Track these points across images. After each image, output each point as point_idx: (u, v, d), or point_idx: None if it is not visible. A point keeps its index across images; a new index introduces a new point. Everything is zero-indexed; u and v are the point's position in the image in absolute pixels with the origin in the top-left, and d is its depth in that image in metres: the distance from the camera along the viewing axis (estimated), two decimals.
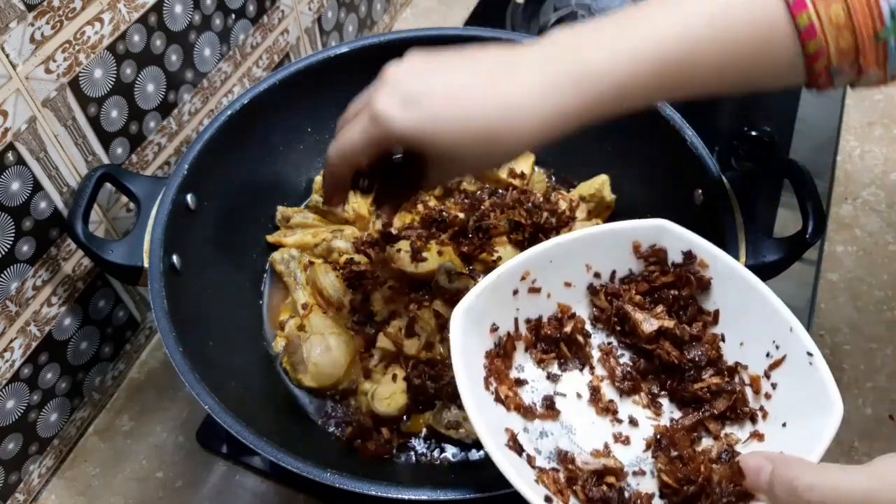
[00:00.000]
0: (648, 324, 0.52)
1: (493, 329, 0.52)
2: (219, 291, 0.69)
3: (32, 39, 0.56)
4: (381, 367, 0.67)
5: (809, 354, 0.46)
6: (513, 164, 0.79)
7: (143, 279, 0.61)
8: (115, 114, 0.66)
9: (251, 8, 0.79)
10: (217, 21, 0.75)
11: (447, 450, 0.64)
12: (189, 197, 0.66)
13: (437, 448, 0.64)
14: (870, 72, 0.47)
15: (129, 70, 0.66)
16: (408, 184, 0.55)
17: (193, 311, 0.63)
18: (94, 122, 0.64)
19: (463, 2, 1.15)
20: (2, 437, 0.64)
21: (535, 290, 0.54)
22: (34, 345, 0.64)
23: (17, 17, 0.54)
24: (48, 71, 0.58)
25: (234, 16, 0.77)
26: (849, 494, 0.36)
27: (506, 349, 0.53)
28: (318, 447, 0.64)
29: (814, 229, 0.58)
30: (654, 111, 0.69)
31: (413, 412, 0.65)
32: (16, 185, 0.59)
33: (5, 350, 0.62)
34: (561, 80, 0.47)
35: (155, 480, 0.70)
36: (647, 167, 0.73)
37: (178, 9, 0.69)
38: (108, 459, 0.72)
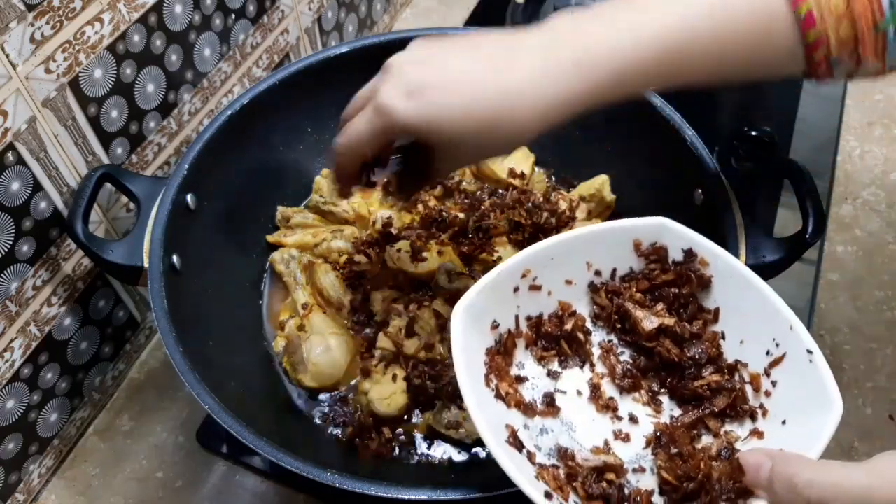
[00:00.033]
0: (649, 321, 0.52)
1: (494, 326, 0.52)
2: (219, 291, 0.69)
3: (32, 39, 0.56)
4: (381, 367, 0.67)
5: (809, 352, 0.46)
6: (513, 164, 0.79)
7: (143, 279, 0.61)
8: (115, 114, 0.66)
9: (251, 8, 0.79)
10: (217, 21, 0.75)
11: (447, 450, 0.64)
12: (189, 197, 0.66)
13: (437, 448, 0.64)
14: (868, 62, 0.47)
15: (129, 70, 0.66)
16: (419, 172, 0.56)
17: (193, 311, 0.63)
18: (94, 122, 0.64)
19: (463, 2, 1.15)
20: (2, 437, 0.64)
21: (535, 288, 0.54)
22: (34, 345, 0.64)
23: (17, 17, 0.54)
24: (48, 71, 0.58)
25: (234, 16, 0.77)
26: (848, 491, 0.36)
27: (506, 346, 0.53)
28: (318, 447, 0.64)
29: (814, 229, 0.58)
30: (654, 111, 0.69)
31: (413, 412, 0.65)
32: (16, 185, 0.59)
33: (5, 350, 0.62)
34: (562, 67, 0.47)
35: (155, 480, 0.70)
36: (647, 167, 0.73)
37: (178, 9, 0.69)
38: (108, 459, 0.72)
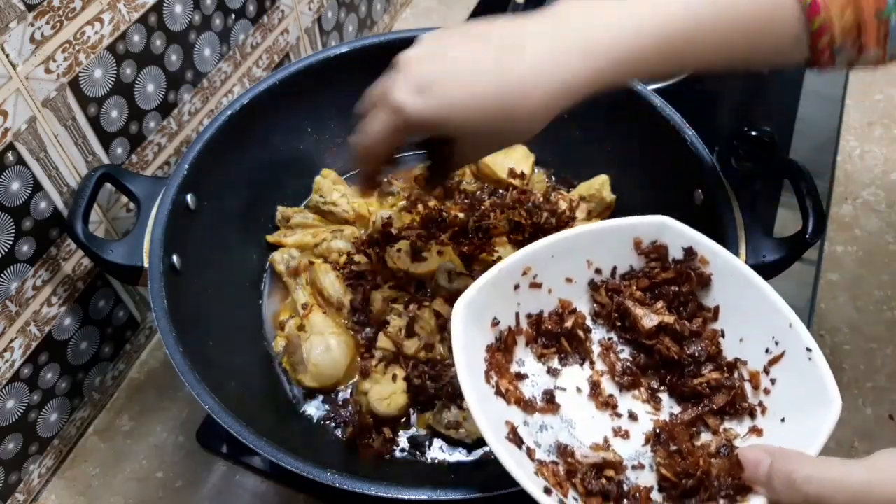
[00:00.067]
0: (648, 319, 0.52)
1: (495, 323, 0.53)
2: (219, 291, 0.69)
3: (32, 39, 0.56)
4: (381, 367, 0.67)
5: (808, 350, 0.46)
6: (513, 164, 0.79)
7: (143, 279, 0.61)
8: (115, 114, 0.66)
9: (251, 8, 0.79)
10: (217, 21, 0.75)
11: (447, 450, 0.64)
12: (189, 197, 0.66)
13: (437, 448, 0.64)
14: (870, 50, 0.47)
15: (129, 70, 0.66)
16: (443, 164, 0.57)
17: (193, 311, 0.63)
18: (94, 122, 0.64)
19: (463, 2, 1.15)
20: (2, 437, 0.64)
21: (536, 286, 0.54)
22: (34, 345, 0.64)
23: (17, 17, 0.54)
24: (48, 71, 0.58)
25: (234, 16, 0.77)
26: (847, 487, 0.36)
27: (506, 343, 0.53)
28: (318, 447, 0.64)
29: (814, 229, 0.58)
30: (654, 111, 0.69)
31: (413, 412, 0.65)
32: (16, 185, 0.59)
33: (5, 350, 0.62)
34: (568, 54, 0.48)
35: (155, 480, 0.70)
36: (647, 167, 0.73)
37: (178, 9, 0.69)
38: (108, 459, 0.72)
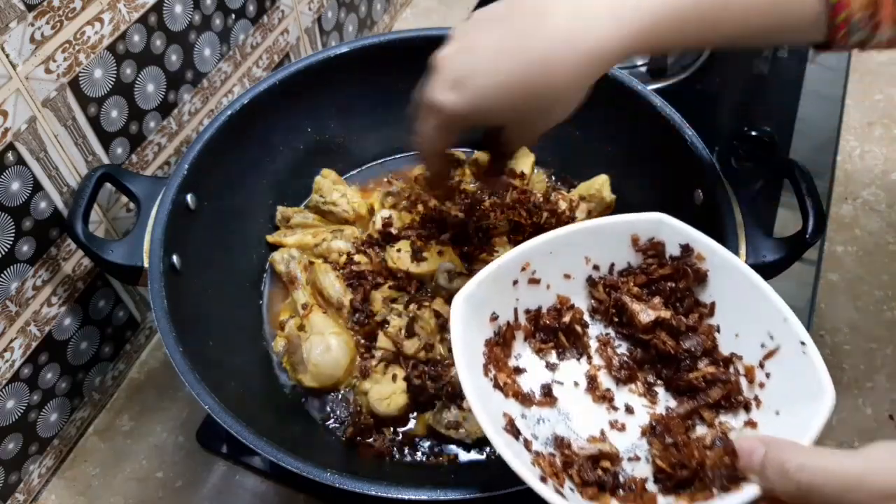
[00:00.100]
0: (645, 314, 0.53)
1: (493, 318, 0.53)
2: (219, 291, 0.69)
3: (32, 39, 0.56)
4: (380, 367, 0.67)
5: (802, 344, 0.46)
6: (513, 163, 0.79)
7: (143, 279, 0.61)
8: (115, 114, 0.66)
9: (251, 8, 0.79)
10: (217, 21, 0.75)
11: (447, 450, 0.64)
12: (189, 197, 0.66)
13: (437, 448, 0.64)
14: (884, 28, 0.48)
15: (129, 70, 0.66)
16: (497, 151, 0.59)
17: (193, 311, 0.63)
18: (94, 122, 0.64)
19: (463, 2, 1.15)
20: (2, 437, 0.64)
21: (534, 282, 0.54)
22: (34, 345, 0.64)
23: (17, 17, 0.54)
24: (48, 71, 0.58)
25: (234, 16, 0.77)
26: (839, 476, 0.36)
27: (505, 338, 0.53)
28: (318, 447, 0.64)
29: (814, 229, 0.58)
30: (654, 111, 0.69)
31: (413, 412, 0.65)
32: (16, 185, 0.59)
33: (5, 350, 0.62)
34: (596, 20, 0.48)
35: (155, 480, 0.70)
36: (647, 167, 0.73)
37: (178, 9, 0.69)
38: (108, 459, 0.72)
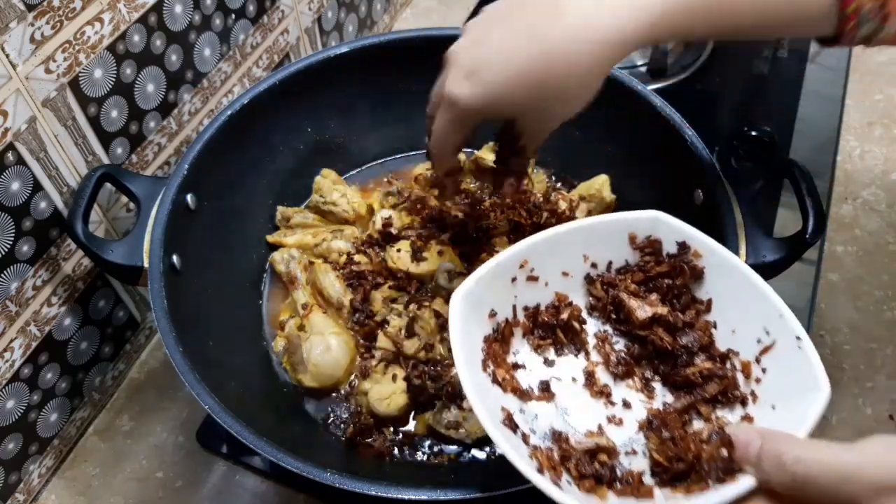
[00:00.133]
0: (642, 311, 0.53)
1: (492, 315, 0.53)
2: (219, 291, 0.69)
3: (32, 39, 0.56)
4: (380, 367, 0.67)
5: (798, 339, 0.46)
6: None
7: (143, 279, 0.61)
8: (115, 114, 0.66)
9: (251, 8, 0.79)
10: (217, 21, 0.75)
11: (447, 450, 0.64)
12: (189, 197, 0.66)
13: (437, 448, 0.64)
14: (892, 21, 0.48)
15: (129, 70, 0.66)
16: (514, 149, 0.58)
17: (193, 311, 0.63)
18: (94, 122, 0.64)
19: (463, 2, 1.15)
20: (2, 437, 0.64)
21: (533, 279, 0.55)
22: (34, 345, 0.64)
23: (17, 17, 0.54)
24: (48, 71, 0.58)
25: (234, 16, 0.77)
26: (835, 468, 0.36)
27: (504, 335, 0.54)
28: (318, 447, 0.64)
29: (814, 229, 0.58)
30: (654, 111, 0.69)
31: (413, 412, 0.66)
32: (16, 185, 0.59)
33: (5, 350, 0.62)
34: (613, 8, 0.48)
35: (155, 480, 0.70)
36: (647, 167, 0.73)
37: (178, 9, 0.69)
38: (108, 459, 0.72)
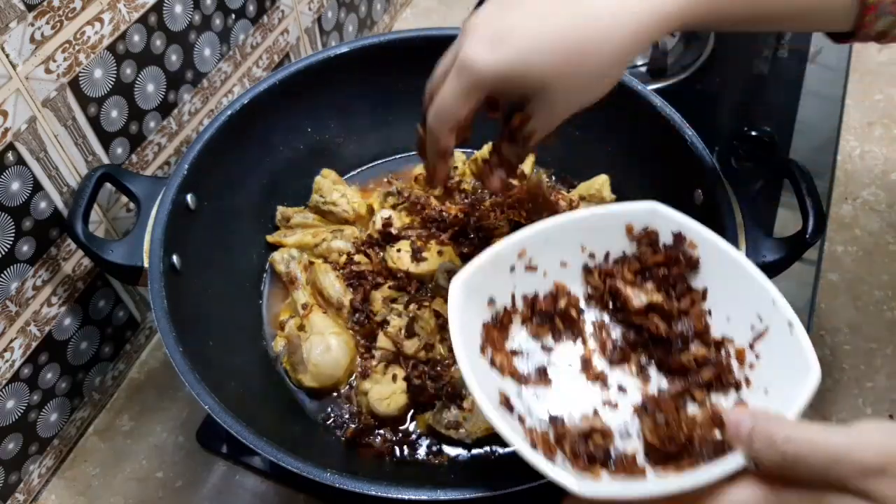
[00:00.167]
0: (638, 299, 0.54)
1: (490, 302, 0.54)
2: (219, 291, 0.69)
3: (32, 39, 0.56)
4: (380, 367, 0.67)
5: (790, 325, 0.47)
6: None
7: (143, 279, 0.61)
8: (115, 114, 0.66)
9: (251, 8, 0.79)
10: (217, 21, 0.75)
11: (447, 450, 0.64)
12: (189, 197, 0.66)
13: (436, 448, 0.64)
14: None
15: (129, 70, 0.66)
16: (513, 137, 0.54)
17: (193, 311, 0.63)
18: (94, 122, 0.64)
19: (463, 2, 1.15)
20: (2, 437, 0.64)
21: (531, 269, 0.55)
22: (34, 345, 0.64)
23: (17, 17, 0.54)
24: (48, 71, 0.58)
25: (234, 16, 0.77)
26: (825, 449, 0.36)
27: (502, 322, 0.54)
28: (318, 447, 0.64)
29: (814, 229, 0.58)
30: (654, 111, 0.69)
31: (413, 412, 0.66)
32: (16, 185, 0.59)
33: (5, 350, 0.62)
34: None
35: (155, 480, 0.70)
36: (647, 167, 0.73)
37: (178, 9, 0.69)
38: (108, 459, 0.72)
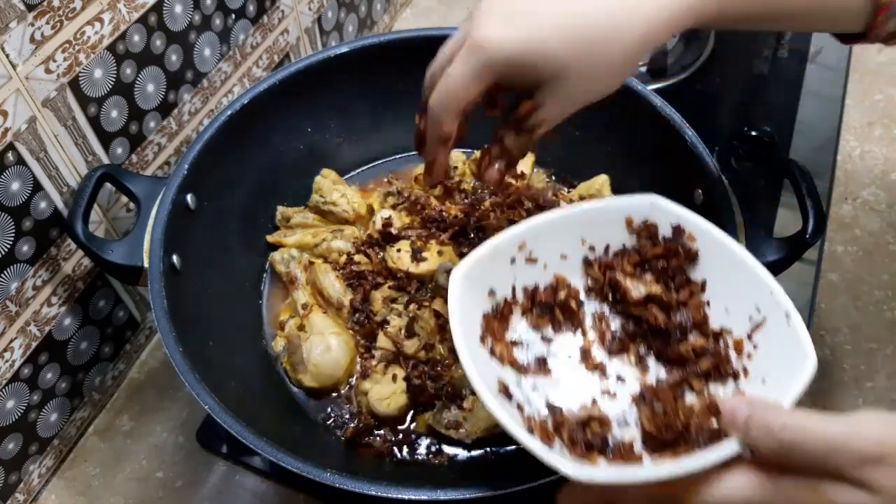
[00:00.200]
0: (637, 290, 0.54)
1: (491, 293, 0.54)
2: (219, 291, 0.69)
3: (32, 39, 0.56)
4: (380, 367, 0.67)
5: (787, 316, 0.47)
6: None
7: (143, 279, 0.61)
8: (115, 114, 0.66)
9: (251, 8, 0.79)
10: (217, 21, 0.75)
11: (447, 450, 0.64)
12: (189, 197, 0.66)
13: (436, 448, 0.64)
14: None
15: (129, 70, 0.66)
16: (519, 127, 0.52)
17: (193, 311, 0.63)
18: (94, 122, 0.64)
19: (463, 2, 1.15)
20: (2, 437, 0.64)
21: (532, 261, 0.55)
22: (34, 345, 0.64)
23: (17, 17, 0.54)
24: (48, 71, 0.58)
25: (234, 16, 0.77)
26: (822, 437, 0.36)
27: (503, 314, 0.54)
28: (318, 447, 0.64)
29: (814, 229, 0.58)
30: (654, 111, 0.69)
31: (413, 412, 0.66)
32: (16, 185, 0.59)
33: (5, 350, 0.62)
34: None
35: (155, 480, 0.70)
36: (647, 167, 0.73)
37: (178, 9, 0.69)
38: (108, 459, 0.72)
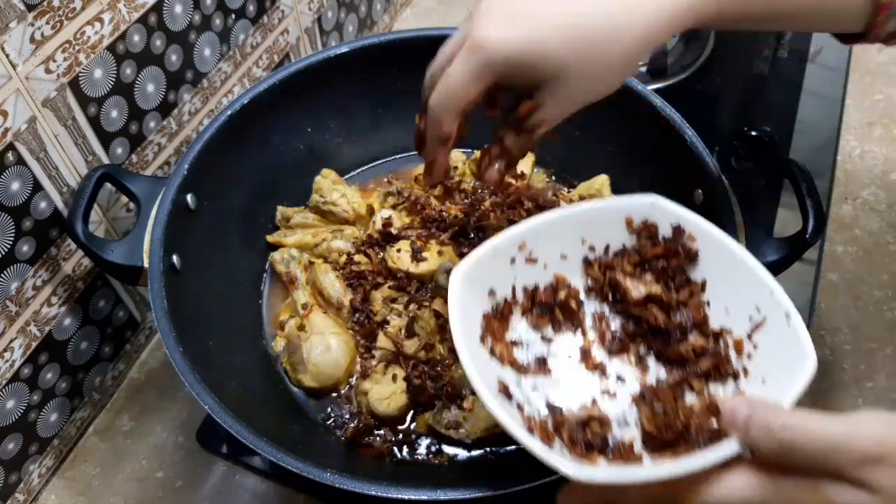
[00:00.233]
0: (637, 290, 0.54)
1: (491, 293, 0.54)
2: (219, 291, 0.69)
3: (32, 39, 0.56)
4: (380, 367, 0.67)
5: (787, 316, 0.47)
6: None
7: (143, 279, 0.61)
8: (115, 114, 0.66)
9: (251, 8, 0.79)
10: (217, 21, 0.75)
11: (447, 450, 0.64)
12: (189, 197, 0.66)
13: (436, 448, 0.64)
14: None
15: (129, 70, 0.66)
16: (519, 127, 0.52)
17: (193, 311, 0.63)
18: (94, 122, 0.64)
19: (463, 2, 1.15)
20: (2, 437, 0.64)
21: (532, 261, 0.55)
22: (34, 345, 0.64)
23: (17, 17, 0.54)
24: (48, 71, 0.58)
25: (234, 16, 0.77)
26: (822, 437, 0.36)
27: (503, 314, 0.54)
28: (318, 447, 0.64)
29: (814, 229, 0.58)
30: (654, 111, 0.69)
31: (413, 412, 0.66)
32: (16, 185, 0.59)
33: (5, 350, 0.62)
34: None
35: (155, 480, 0.70)
36: (647, 167, 0.73)
37: (178, 9, 0.69)
38: (108, 459, 0.72)
